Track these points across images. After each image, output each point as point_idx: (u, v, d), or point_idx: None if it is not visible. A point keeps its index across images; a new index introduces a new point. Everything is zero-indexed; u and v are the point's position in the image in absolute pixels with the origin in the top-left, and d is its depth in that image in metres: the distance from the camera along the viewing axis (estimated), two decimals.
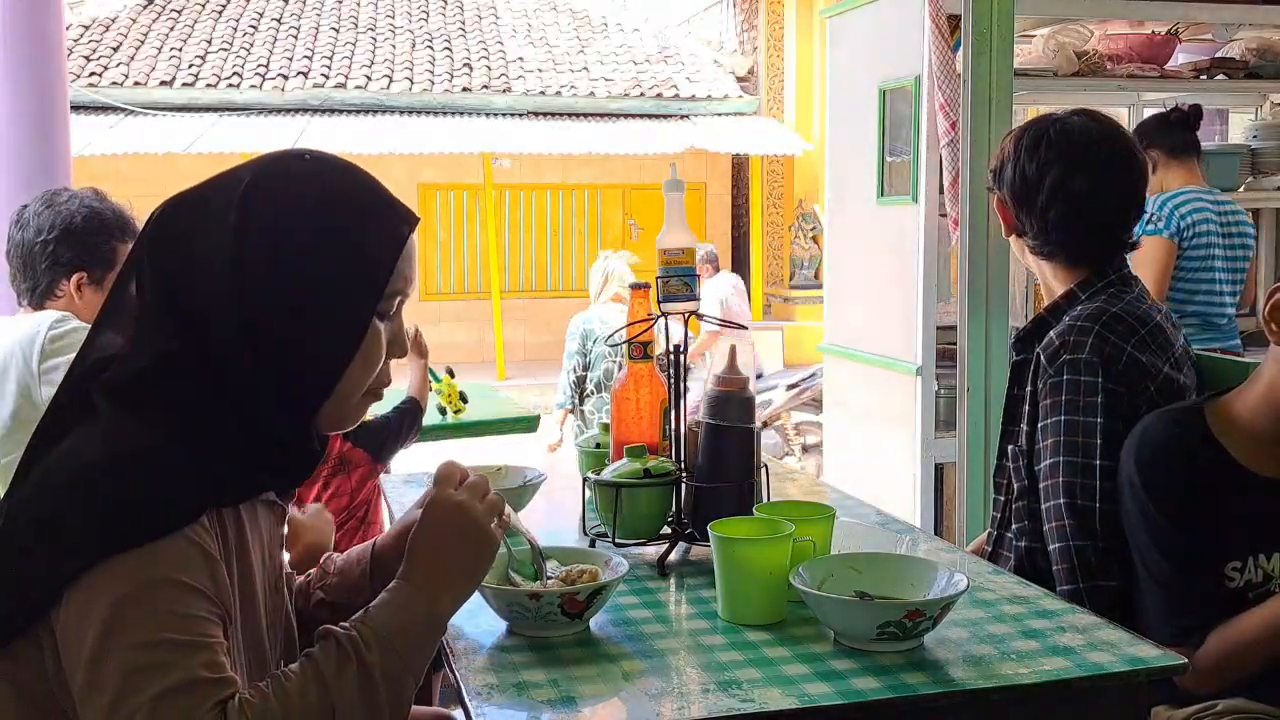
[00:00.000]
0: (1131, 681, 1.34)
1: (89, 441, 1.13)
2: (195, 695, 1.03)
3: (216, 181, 1.23)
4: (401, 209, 1.26)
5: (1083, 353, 1.82)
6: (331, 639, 1.14)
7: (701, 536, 1.71)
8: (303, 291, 1.17)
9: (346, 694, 1.10)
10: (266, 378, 1.17)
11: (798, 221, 13.60)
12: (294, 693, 1.09)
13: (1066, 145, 1.93)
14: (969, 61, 3.04)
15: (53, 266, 2.50)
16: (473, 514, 1.26)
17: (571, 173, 13.39)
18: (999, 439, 2.04)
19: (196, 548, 1.09)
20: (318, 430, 1.26)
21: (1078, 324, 1.85)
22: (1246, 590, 1.66)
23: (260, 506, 1.26)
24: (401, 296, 1.26)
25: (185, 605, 1.07)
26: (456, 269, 13.37)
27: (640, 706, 1.25)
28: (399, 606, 1.19)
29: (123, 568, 1.05)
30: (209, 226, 1.18)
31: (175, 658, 1.04)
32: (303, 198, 1.20)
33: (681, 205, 1.83)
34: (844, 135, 4.52)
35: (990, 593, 1.59)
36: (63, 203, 2.57)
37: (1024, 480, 1.92)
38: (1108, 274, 1.94)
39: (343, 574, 1.49)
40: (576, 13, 14.69)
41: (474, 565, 1.26)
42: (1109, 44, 4.17)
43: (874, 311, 4.22)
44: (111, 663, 1.03)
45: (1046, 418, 1.85)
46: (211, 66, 12.39)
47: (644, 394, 1.92)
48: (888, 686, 1.28)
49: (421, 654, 1.19)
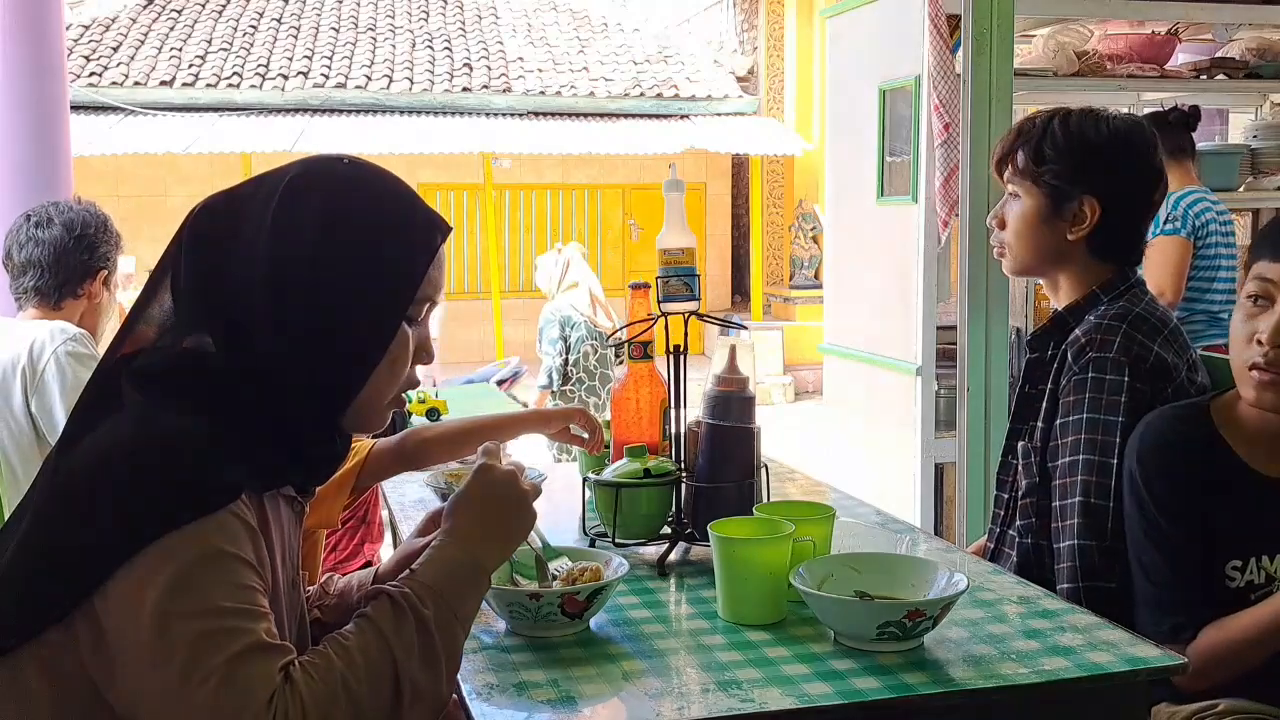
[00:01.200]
0: (1131, 681, 1.34)
1: (123, 426, 1.14)
2: (266, 660, 1.05)
3: (255, 182, 1.25)
4: (436, 218, 1.28)
5: (1110, 351, 1.80)
6: (385, 597, 1.17)
7: (701, 536, 1.71)
8: (337, 294, 1.19)
9: (405, 646, 1.13)
10: (296, 377, 1.19)
11: (798, 221, 13.60)
12: (355, 649, 1.11)
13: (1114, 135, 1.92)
14: (969, 61, 3.04)
15: (90, 260, 2.56)
16: (520, 485, 1.34)
17: (571, 173, 13.39)
18: (1006, 437, 2.03)
19: (242, 522, 1.11)
20: (343, 431, 1.28)
21: (1105, 322, 1.84)
22: (1248, 591, 1.65)
23: (282, 501, 1.27)
24: (431, 303, 1.28)
25: (241, 576, 1.09)
26: (456, 269, 13.37)
27: (640, 706, 1.25)
28: (445, 561, 1.23)
29: (176, 543, 1.06)
30: (247, 226, 1.20)
31: (241, 624, 1.06)
32: (341, 202, 1.22)
33: (681, 205, 1.83)
34: (844, 135, 4.52)
35: (990, 593, 1.59)
36: (73, 205, 2.63)
37: (1035, 477, 1.90)
38: (1129, 276, 1.94)
39: (342, 596, 1.52)
40: (576, 13, 14.70)
41: (514, 530, 1.34)
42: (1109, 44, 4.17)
43: (874, 311, 4.22)
44: (175, 633, 1.04)
45: (1068, 415, 1.84)
46: (211, 66, 12.39)
47: (644, 394, 1.92)
48: (888, 686, 1.28)
49: (470, 604, 1.23)
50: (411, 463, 2.02)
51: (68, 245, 2.54)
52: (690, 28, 16.03)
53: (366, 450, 1.96)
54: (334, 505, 1.91)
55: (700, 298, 1.81)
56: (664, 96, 13.03)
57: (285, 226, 1.18)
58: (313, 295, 1.18)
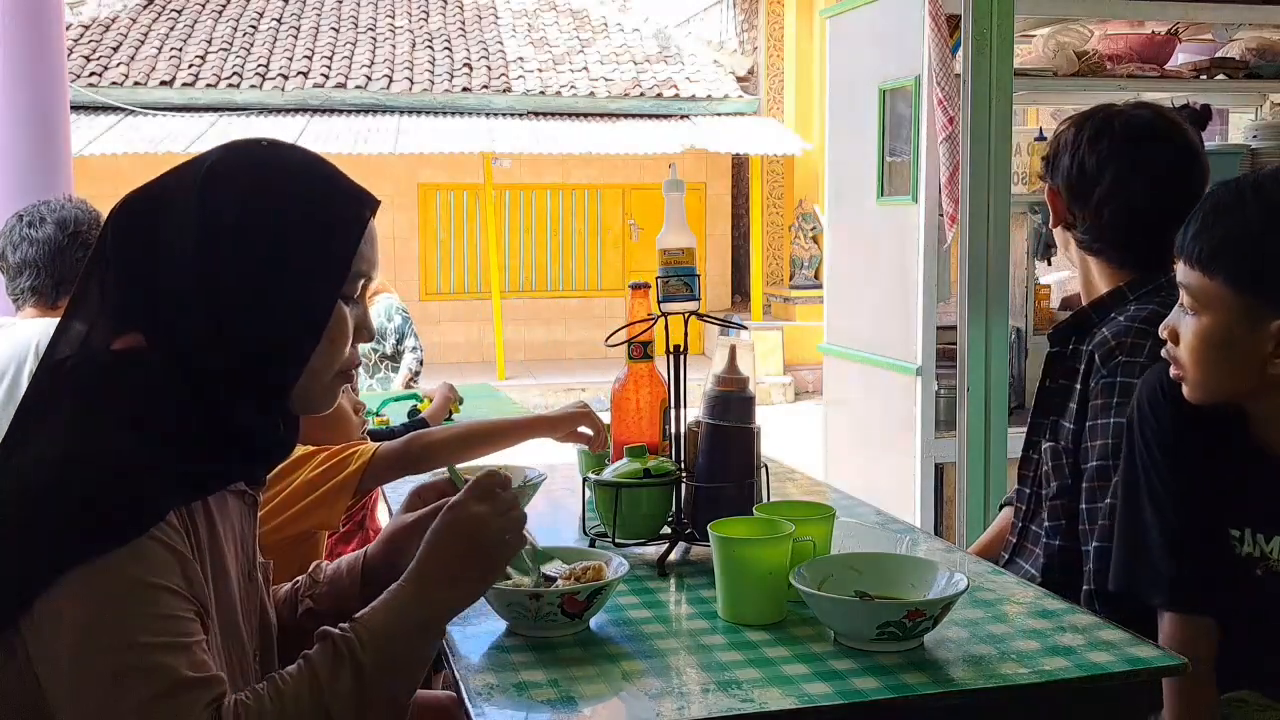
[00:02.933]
0: (1131, 681, 1.34)
1: (52, 444, 1.12)
2: (184, 697, 1.03)
3: (176, 172, 1.24)
4: (362, 192, 1.27)
5: (1140, 356, 1.77)
6: (328, 640, 1.15)
7: (701, 536, 1.71)
8: (268, 276, 1.18)
9: (340, 694, 1.11)
10: (233, 363, 1.17)
11: (798, 221, 13.60)
12: (289, 695, 1.10)
13: (1130, 141, 1.87)
14: (969, 61, 3.04)
15: (86, 257, 2.55)
16: (489, 530, 1.27)
17: (571, 173, 13.39)
18: (1026, 430, 2.00)
19: (166, 548, 1.08)
20: (291, 413, 1.27)
21: (1135, 325, 1.80)
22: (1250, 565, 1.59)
23: (230, 497, 1.26)
24: (365, 279, 1.26)
25: (161, 606, 1.06)
26: (456, 269, 13.37)
27: (640, 706, 1.25)
28: (397, 609, 1.20)
29: (93, 574, 1.04)
30: (171, 216, 1.18)
31: (158, 660, 1.03)
32: (264, 184, 1.21)
33: (681, 205, 1.83)
34: (844, 135, 4.52)
35: (990, 593, 1.59)
36: (65, 203, 2.61)
37: (1066, 479, 1.87)
38: (1158, 277, 1.87)
39: (332, 583, 1.50)
40: (576, 13, 14.70)
41: (478, 579, 1.28)
42: (1109, 44, 4.17)
43: (874, 311, 4.21)
44: (93, 670, 1.02)
45: (1096, 418, 1.81)
46: (211, 66, 12.40)
47: (644, 394, 1.92)
48: (888, 686, 1.28)
49: (416, 656, 1.19)
50: (416, 466, 2.01)
51: (62, 244, 2.53)
52: (690, 28, 16.03)
53: (370, 453, 1.96)
54: (335, 508, 1.90)
55: (700, 298, 1.81)
56: (664, 96, 13.03)
57: (210, 215, 1.17)
58: (243, 282, 1.16)
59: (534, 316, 13.37)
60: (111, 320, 1.19)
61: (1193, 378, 1.58)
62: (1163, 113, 1.94)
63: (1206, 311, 1.53)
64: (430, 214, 13.17)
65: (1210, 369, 1.55)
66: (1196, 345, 1.55)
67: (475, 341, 13.09)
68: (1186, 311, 1.57)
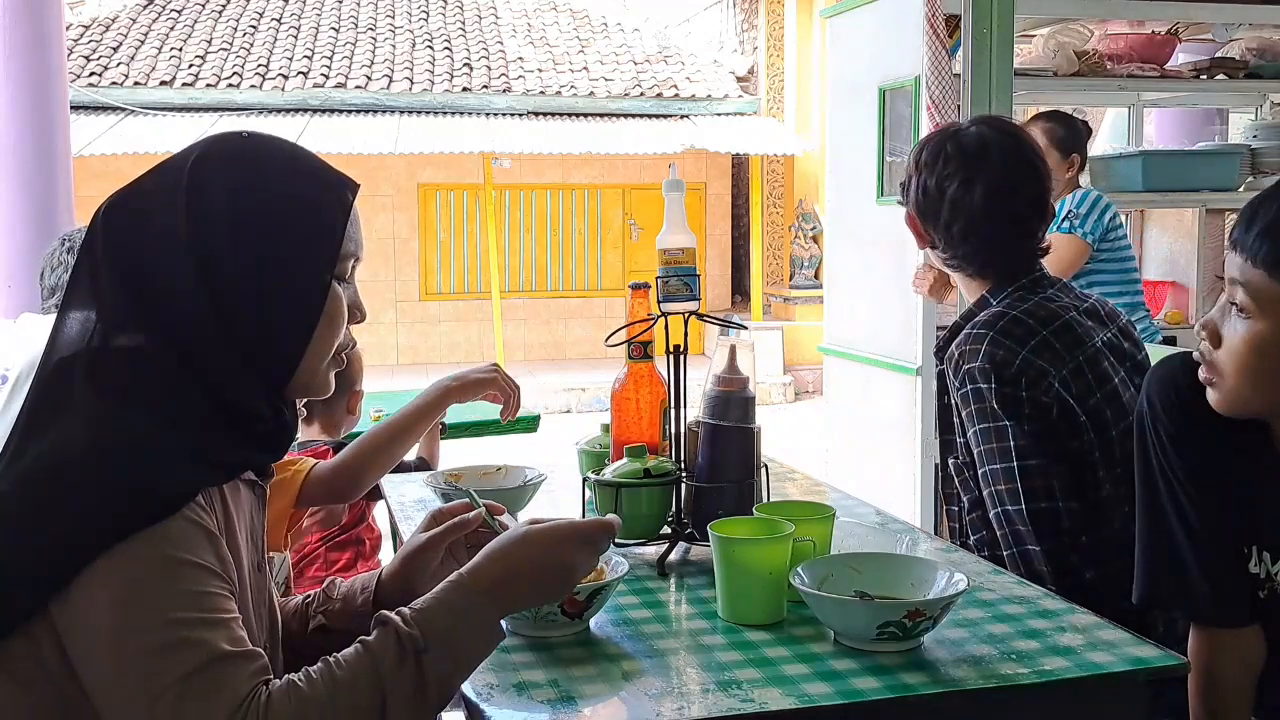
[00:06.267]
0: (1131, 681, 1.34)
1: (74, 432, 1.13)
2: (223, 670, 1.04)
3: (160, 168, 1.25)
4: (343, 177, 1.29)
5: (976, 361, 1.84)
6: (391, 632, 1.13)
7: (701, 536, 1.71)
8: (261, 262, 1.19)
9: (400, 691, 1.10)
10: (235, 352, 1.18)
11: (798, 221, 13.59)
12: (345, 680, 1.09)
13: (962, 157, 1.94)
14: (969, 61, 3.04)
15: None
16: (574, 577, 1.29)
17: (571, 173, 13.39)
18: (938, 449, 2.05)
19: (198, 527, 1.10)
20: (289, 398, 1.28)
21: (973, 332, 1.87)
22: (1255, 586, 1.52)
23: (243, 487, 1.27)
24: (355, 260, 1.29)
25: (198, 582, 1.07)
26: (456, 269, 13.37)
27: (640, 706, 1.25)
28: (465, 613, 1.18)
29: (129, 553, 1.05)
30: (160, 211, 1.19)
31: (197, 635, 1.04)
32: (250, 173, 1.22)
33: (681, 205, 1.83)
34: (844, 135, 4.52)
35: (990, 593, 1.59)
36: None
37: (974, 491, 1.93)
38: (1018, 278, 1.95)
39: (345, 601, 1.49)
40: (576, 13, 14.69)
41: (537, 605, 1.35)
42: (1109, 44, 4.17)
43: (874, 311, 4.22)
44: (131, 647, 1.03)
45: (965, 430, 1.89)
46: (211, 66, 12.39)
47: (644, 394, 1.92)
48: (888, 686, 1.29)
49: (476, 664, 1.20)
50: (357, 475, 2.08)
51: None
52: (690, 28, 16.03)
53: (305, 473, 1.98)
54: (273, 536, 1.90)
55: (700, 298, 1.81)
56: (664, 96, 13.03)
57: (199, 210, 1.18)
58: (239, 272, 1.18)
59: (534, 316, 13.36)
60: (111, 320, 1.20)
61: (1231, 385, 1.41)
62: (1001, 127, 2.00)
63: (1264, 317, 1.36)
64: (430, 214, 13.16)
65: (1256, 379, 1.39)
66: (1244, 352, 1.38)
67: (475, 341, 13.07)
68: (1238, 313, 1.39)
